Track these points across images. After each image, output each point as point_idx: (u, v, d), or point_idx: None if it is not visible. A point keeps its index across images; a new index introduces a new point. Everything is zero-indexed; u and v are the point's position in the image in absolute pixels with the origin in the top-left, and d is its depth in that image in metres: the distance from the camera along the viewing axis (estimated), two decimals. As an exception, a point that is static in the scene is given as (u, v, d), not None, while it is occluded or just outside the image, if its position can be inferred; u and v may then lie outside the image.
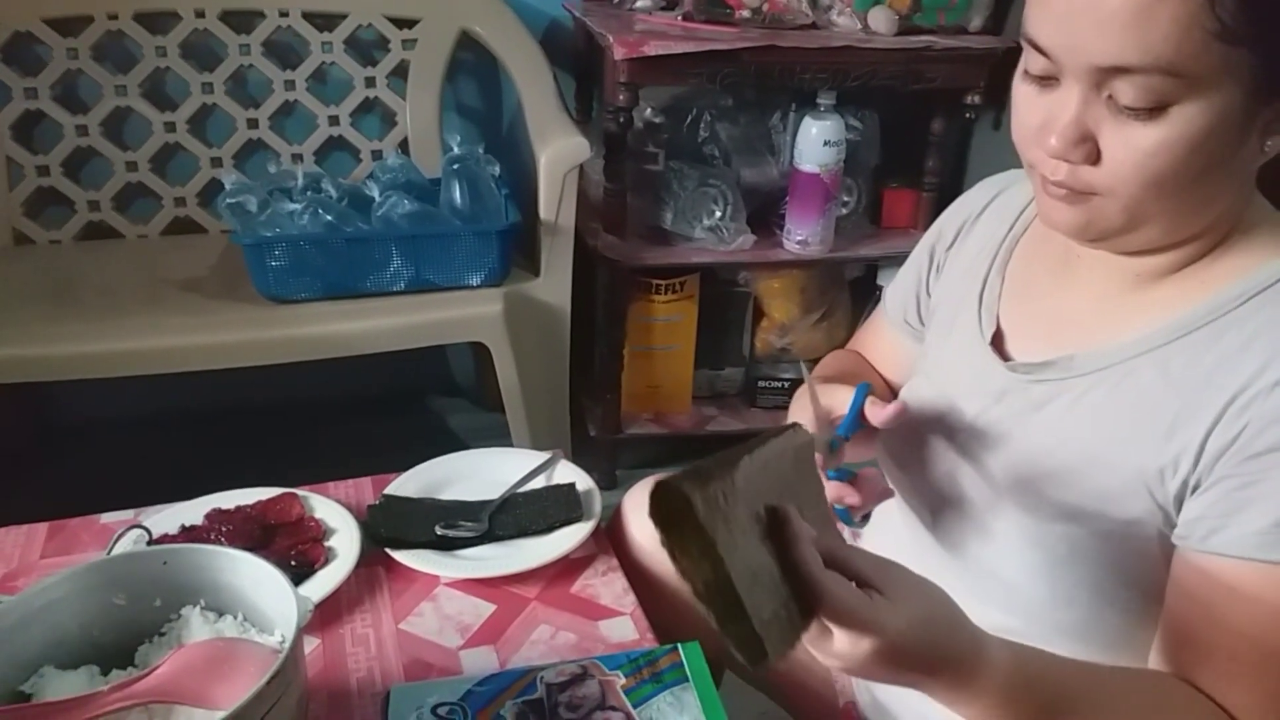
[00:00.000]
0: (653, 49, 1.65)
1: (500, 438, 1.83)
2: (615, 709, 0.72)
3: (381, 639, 0.84)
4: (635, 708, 0.72)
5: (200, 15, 1.85)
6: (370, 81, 1.97)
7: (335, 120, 1.98)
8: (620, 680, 0.74)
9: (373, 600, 0.88)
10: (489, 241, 1.69)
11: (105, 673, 0.72)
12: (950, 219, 0.90)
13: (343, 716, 0.77)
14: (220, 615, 0.75)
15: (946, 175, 1.99)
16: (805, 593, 0.55)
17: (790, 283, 2.05)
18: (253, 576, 0.73)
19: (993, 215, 0.86)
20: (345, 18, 1.91)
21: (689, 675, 0.75)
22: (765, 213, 1.96)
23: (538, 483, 1.00)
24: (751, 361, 2.14)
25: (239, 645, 0.71)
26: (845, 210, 1.99)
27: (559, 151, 1.70)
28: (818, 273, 2.06)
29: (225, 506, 0.94)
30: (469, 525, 0.93)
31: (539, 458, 1.03)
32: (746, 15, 1.76)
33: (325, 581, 0.86)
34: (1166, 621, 0.67)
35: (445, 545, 0.92)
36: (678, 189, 1.90)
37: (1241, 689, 0.63)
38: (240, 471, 1.00)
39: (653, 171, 1.95)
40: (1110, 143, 0.61)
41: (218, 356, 1.62)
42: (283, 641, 0.71)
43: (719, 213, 1.89)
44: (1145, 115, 0.59)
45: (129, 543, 0.89)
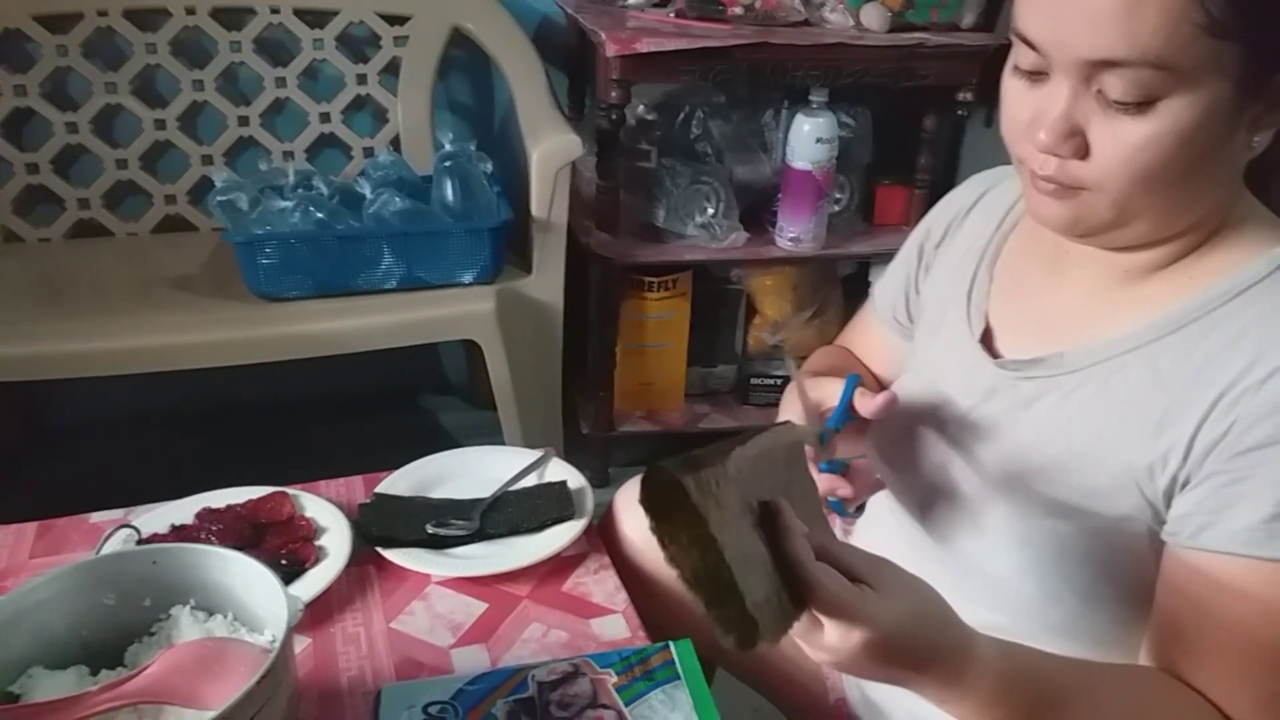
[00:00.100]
0: (645, 46, 1.65)
1: (492, 436, 1.83)
2: (607, 707, 0.72)
3: (372, 638, 0.84)
4: (627, 706, 0.72)
5: (190, 12, 1.83)
6: (362, 78, 1.96)
7: (326, 117, 1.97)
8: (612, 678, 0.74)
9: (364, 599, 0.88)
10: (481, 239, 1.69)
11: (94, 673, 0.72)
12: (938, 216, 0.90)
13: (334, 716, 0.76)
14: (210, 615, 0.75)
15: (939, 172, 1.99)
16: (797, 584, 0.55)
17: (783, 280, 2.05)
18: (243, 576, 0.73)
19: (981, 212, 0.86)
20: (336, 14, 1.90)
21: (681, 673, 0.75)
22: (758, 210, 1.96)
23: (529, 481, 1.00)
24: (744, 359, 2.14)
25: (229, 645, 0.71)
26: (838, 207, 1.99)
27: (551, 149, 1.70)
28: (810, 270, 2.06)
29: (215, 505, 0.94)
30: (460, 524, 0.93)
31: (531, 456, 1.03)
32: (739, 12, 1.76)
33: (316, 580, 0.86)
34: (1156, 618, 0.68)
35: (436, 544, 0.92)
36: (670, 186, 1.89)
37: (1231, 684, 0.63)
38: (231, 470, 1.00)
39: (645, 169, 1.94)
40: (1099, 137, 0.62)
41: (208, 355, 1.61)
42: (273, 641, 0.71)
43: (711, 210, 1.89)
44: (1134, 109, 0.59)
45: (118, 542, 0.89)
